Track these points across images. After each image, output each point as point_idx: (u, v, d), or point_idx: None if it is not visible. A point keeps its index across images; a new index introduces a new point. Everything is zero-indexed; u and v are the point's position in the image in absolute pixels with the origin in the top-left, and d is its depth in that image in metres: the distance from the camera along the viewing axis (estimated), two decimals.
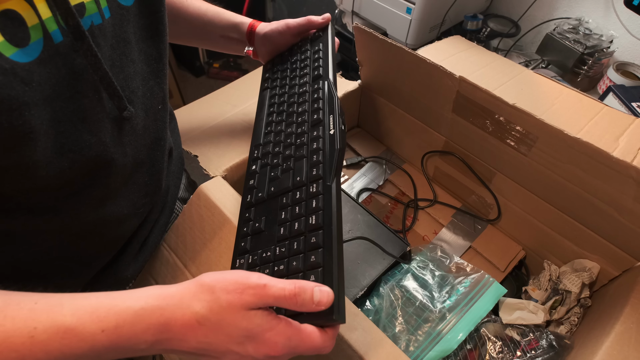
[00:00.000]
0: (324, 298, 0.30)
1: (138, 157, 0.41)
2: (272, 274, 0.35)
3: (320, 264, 0.33)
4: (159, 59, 0.42)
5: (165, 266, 0.53)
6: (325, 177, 0.38)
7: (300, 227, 0.36)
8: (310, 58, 0.54)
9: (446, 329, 0.50)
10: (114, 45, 0.34)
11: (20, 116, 0.27)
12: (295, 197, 0.39)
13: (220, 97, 0.71)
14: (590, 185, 0.49)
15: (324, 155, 0.40)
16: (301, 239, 0.35)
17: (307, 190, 0.38)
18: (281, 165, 0.43)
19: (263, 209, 0.41)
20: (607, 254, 0.54)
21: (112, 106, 0.35)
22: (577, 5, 0.94)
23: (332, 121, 0.43)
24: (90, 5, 0.31)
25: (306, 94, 0.49)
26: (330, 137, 0.41)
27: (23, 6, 0.27)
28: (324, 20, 0.56)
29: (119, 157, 0.36)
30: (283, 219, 0.38)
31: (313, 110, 0.46)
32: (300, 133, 0.44)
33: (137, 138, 0.40)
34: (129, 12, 0.36)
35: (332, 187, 0.37)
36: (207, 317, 0.28)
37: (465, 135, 0.63)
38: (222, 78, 2.15)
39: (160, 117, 0.44)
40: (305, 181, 0.39)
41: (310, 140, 0.42)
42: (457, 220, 0.69)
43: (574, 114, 0.58)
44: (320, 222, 0.35)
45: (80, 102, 0.31)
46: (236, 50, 0.59)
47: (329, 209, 0.36)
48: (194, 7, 0.55)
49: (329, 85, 0.48)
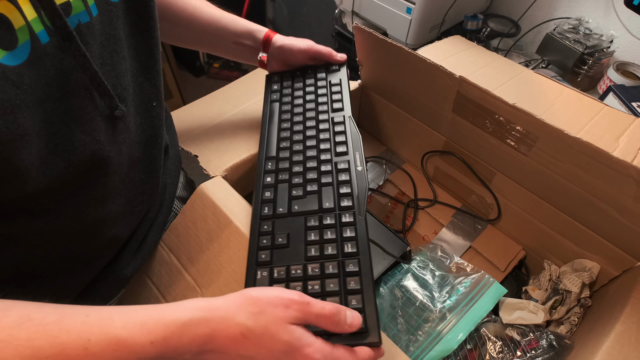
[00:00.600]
0: (355, 321, 0.33)
1: (133, 155, 0.41)
2: (304, 292, 0.37)
3: (360, 290, 0.36)
4: (150, 55, 0.41)
5: (163, 266, 0.53)
6: (359, 209, 0.42)
7: (334, 251, 0.40)
8: (328, 87, 0.57)
9: (446, 329, 0.50)
10: (103, 42, 0.34)
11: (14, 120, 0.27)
12: (325, 222, 0.42)
13: (220, 97, 0.71)
14: (590, 185, 0.49)
15: (352, 189, 0.44)
16: (335, 262, 0.39)
17: (338, 218, 0.42)
18: (303, 186, 0.46)
19: (284, 224, 0.43)
20: (607, 254, 0.54)
21: (104, 105, 0.34)
22: (577, 5, 0.94)
23: (359, 158, 0.47)
24: (77, 3, 0.31)
25: (327, 122, 0.53)
26: (358, 172, 0.46)
27: (8, 8, 0.26)
28: (342, 59, 0.60)
29: (114, 156, 0.36)
30: (312, 240, 0.41)
31: (337, 143, 0.50)
32: (324, 160, 0.48)
33: (131, 135, 0.40)
34: (118, 7, 0.36)
35: (364, 219, 0.41)
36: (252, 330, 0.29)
37: (465, 135, 0.63)
38: (222, 78, 2.15)
39: (156, 114, 0.43)
40: (335, 209, 0.43)
41: (336, 171, 0.47)
42: (457, 220, 0.69)
43: (574, 114, 0.58)
44: (356, 250, 0.39)
45: (71, 102, 0.31)
46: (247, 57, 0.59)
47: (363, 238, 0.40)
48: (208, 12, 0.55)
49: (353, 123, 0.52)
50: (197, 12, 0.55)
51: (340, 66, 0.60)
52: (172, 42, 0.58)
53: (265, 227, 0.43)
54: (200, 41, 0.58)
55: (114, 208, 0.40)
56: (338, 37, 1.22)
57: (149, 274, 0.55)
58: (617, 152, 0.52)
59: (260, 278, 0.39)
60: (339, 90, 0.56)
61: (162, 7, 0.52)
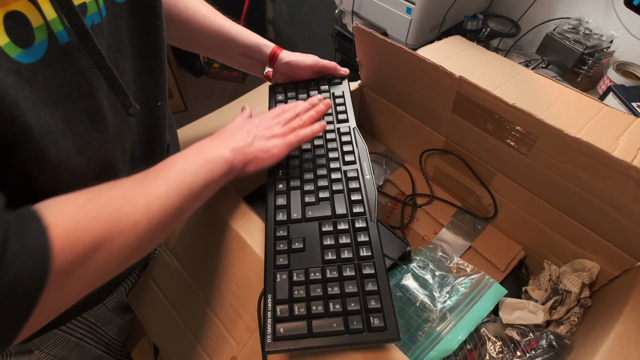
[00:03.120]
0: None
1: (135, 153, 0.41)
2: (325, 294, 0.40)
3: (377, 291, 0.39)
4: (156, 56, 0.42)
5: (165, 268, 0.54)
6: (371, 215, 0.45)
7: (350, 254, 0.42)
8: (332, 99, 0.58)
9: (446, 329, 0.50)
10: (110, 43, 0.35)
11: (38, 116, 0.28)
12: (339, 227, 0.44)
13: (227, 113, 0.72)
14: (590, 185, 0.49)
15: (362, 196, 0.47)
16: (352, 265, 0.41)
17: (351, 224, 0.44)
18: (315, 193, 0.48)
19: (299, 229, 0.45)
20: (607, 254, 0.54)
21: (118, 104, 0.35)
22: (577, 5, 0.94)
23: (367, 167, 0.50)
24: (92, 4, 0.32)
25: (334, 132, 0.54)
26: (367, 181, 0.48)
27: (28, 7, 0.27)
28: (345, 73, 0.62)
29: (120, 154, 0.37)
30: (328, 244, 0.43)
31: (345, 152, 0.52)
32: (334, 169, 0.50)
33: (133, 134, 0.40)
34: (122, 8, 0.37)
35: (376, 226, 0.44)
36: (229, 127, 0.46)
37: (465, 136, 0.63)
38: (222, 78, 2.15)
39: (160, 114, 0.44)
40: (348, 214, 0.45)
41: (346, 179, 0.49)
42: (457, 220, 0.69)
43: (574, 114, 0.58)
44: (371, 254, 0.42)
45: (88, 102, 0.32)
46: (252, 69, 0.61)
47: (376, 242, 0.43)
48: (217, 23, 0.56)
49: (357, 132, 0.54)
50: (207, 21, 0.55)
51: (342, 79, 0.61)
52: (180, 46, 0.59)
53: (281, 231, 0.44)
54: (209, 49, 0.59)
55: None
56: (338, 37, 1.22)
57: (153, 276, 0.55)
58: (617, 152, 0.52)
59: (280, 281, 0.41)
60: (342, 102, 0.58)
61: (172, 13, 0.53)
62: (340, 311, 0.38)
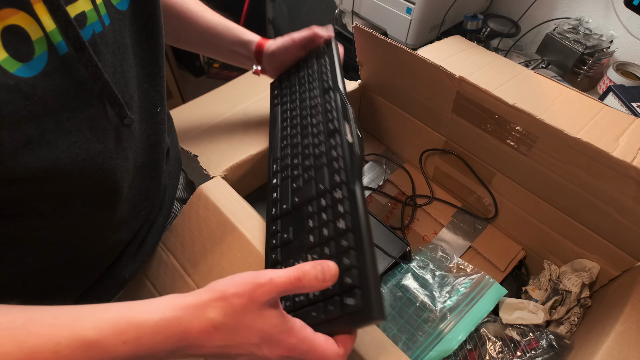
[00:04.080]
0: (327, 273, 0.30)
1: (138, 161, 0.41)
2: None
3: (355, 266, 0.33)
4: (155, 62, 0.42)
5: (163, 268, 0.53)
6: (349, 181, 0.38)
7: (330, 232, 0.36)
8: (318, 72, 0.54)
9: (447, 329, 0.50)
10: (115, 51, 0.35)
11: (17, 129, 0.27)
12: (321, 205, 0.39)
13: (219, 96, 0.71)
14: (590, 185, 0.49)
15: (344, 162, 0.40)
16: (332, 243, 0.36)
17: (332, 197, 0.39)
18: (302, 176, 0.44)
19: (289, 219, 0.42)
20: (607, 254, 0.54)
21: (114, 114, 0.35)
22: (577, 5, 0.94)
23: (349, 129, 0.43)
24: (91, 13, 0.31)
25: (318, 105, 0.49)
26: (349, 144, 0.42)
27: (27, 20, 0.26)
28: (328, 34, 0.57)
29: (121, 162, 0.37)
30: (311, 227, 0.38)
31: (327, 121, 0.46)
32: (317, 143, 0.45)
33: (136, 142, 0.40)
34: (125, 16, 0.36)
35: (357, 190, 0.37)
36: (224, 323, 0.29)
37: (465, 136, 0.63)
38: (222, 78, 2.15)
39: (160, 120, 0.44)
40: (329, 188, 0.40)
41: (328, 149, 0.43)
42: (457, 220, 0.69)
43: (574, 114, 0.58)
44: (350, 225, 0.35)
45: (86, 112, 0.31)
46: (244, 64, 0.60)
47: (355, 211, 0.36)
48: (205, 18, 0.55)
49: (340, 95, 0.48)
50: (195, 16, 0.55)
51: (327, 45, 0.56)
52: (170, 43, 0.58)
53: (274, 227, 0.42)
54: (198, 45, 0.59)
55: (120, 214, 0.40)
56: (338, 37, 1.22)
57: (148, 275, 0.55)
58: (617, 152, 0.52)
59: None
60: (327, 69, 0.53)
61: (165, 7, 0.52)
62: (320, 297, 0.34)
